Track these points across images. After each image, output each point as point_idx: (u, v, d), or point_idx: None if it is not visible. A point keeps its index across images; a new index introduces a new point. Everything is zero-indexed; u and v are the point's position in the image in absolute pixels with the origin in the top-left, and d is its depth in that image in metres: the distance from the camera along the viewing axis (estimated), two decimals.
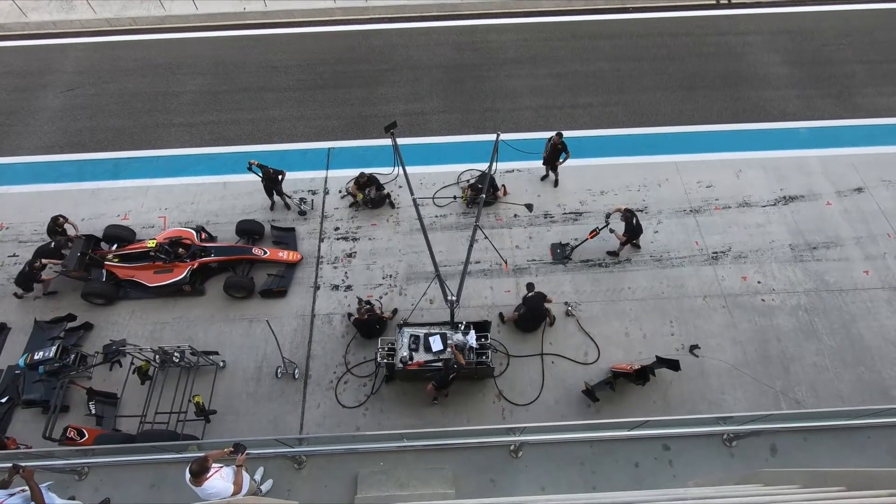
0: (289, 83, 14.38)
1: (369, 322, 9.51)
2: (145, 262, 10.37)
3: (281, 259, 10.76)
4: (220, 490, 5.70)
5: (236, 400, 9.44)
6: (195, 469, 5.57)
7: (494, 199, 11.67)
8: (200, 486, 5.62)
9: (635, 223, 10.14)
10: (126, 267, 10.44)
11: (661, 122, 13.24)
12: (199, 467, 5.57)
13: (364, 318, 9.41)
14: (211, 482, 5.65)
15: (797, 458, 6.90)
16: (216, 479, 5.71)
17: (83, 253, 10.37)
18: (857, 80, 13.96)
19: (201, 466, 5.57)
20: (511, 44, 15.15)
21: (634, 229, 10.20)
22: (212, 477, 5.67)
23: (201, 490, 5.64)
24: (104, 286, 10.36)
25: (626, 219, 10.15)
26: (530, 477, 6.79)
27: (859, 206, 11.55)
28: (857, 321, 10.04)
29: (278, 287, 10.49)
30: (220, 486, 5.72)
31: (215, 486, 5.69)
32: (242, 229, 11.11)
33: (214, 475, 5.71)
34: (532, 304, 9.45)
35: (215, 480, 5.70)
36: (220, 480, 5.76)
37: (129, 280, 10.45)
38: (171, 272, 10.27)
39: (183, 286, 10.26)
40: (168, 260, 10.32)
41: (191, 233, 10.73)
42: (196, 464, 5.58)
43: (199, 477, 5.57)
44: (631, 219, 10.11)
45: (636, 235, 10.40)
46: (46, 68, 14.93)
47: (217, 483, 5.71)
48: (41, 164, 12.88)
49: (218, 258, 10.58)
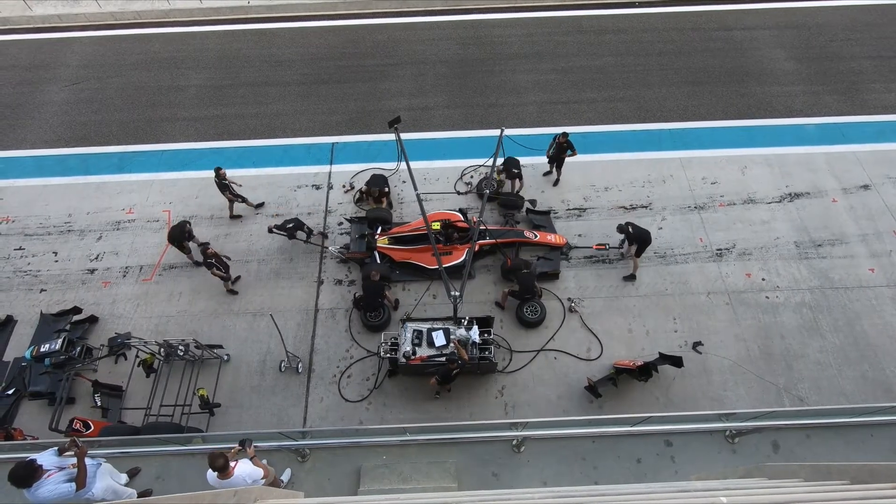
0: (293, 78, 14.37)
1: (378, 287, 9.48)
2: (421, 245, 10.33)
3: (549, 242, 10.72)
4: (251, 472, 5.73)
5: (240, 393, 9.49)
6: (220, 464, 5.52)
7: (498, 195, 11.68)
8: (230, 478, 5.59)
9: (633, 231, 9.90)
10: (403, 249, 10.44)
11: (666, 118, 13.17)
12: (224, 461, 5.53)
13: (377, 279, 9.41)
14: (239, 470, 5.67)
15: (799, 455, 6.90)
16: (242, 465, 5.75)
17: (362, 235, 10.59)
18: (865, 76, 13.84)
19: (224, 460, 5.54)
20: (515, 39, 15.08)
21: (637, 237, 9.93)
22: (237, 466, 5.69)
23: (231, 481, 5.59)
24: (383, 268, 10.30)
25: (623, 230, 9.93)
26: (532, 472, 6.82)
27: (865, 203, 11.49)
28: (862, 318, 10.00)
29: (552, 270, 10.49)
30: (249, 470, 5.75)
31: (245, 470, 5.71)
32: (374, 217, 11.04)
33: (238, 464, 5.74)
34: (523, 280, 9.60)
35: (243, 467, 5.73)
36: (247, 465, 5.79)
37: (406, 262, 10.45)
38: (451, 254, 10.26)
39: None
40: (448, 242, 10.30)
41: (458, 215, 10.66)
42: (216, 460, 5.52)
43: (227, 470, 5.56)
44: (627, 228, 9.91)
45: (644, 242, 10.05)
46: (51, 62, 14.96)
47: (245, 468, 5.74)
48: (46, 158, 12.93)
49: (494, 241, 10.55)
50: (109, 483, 6.18)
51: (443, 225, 10.36)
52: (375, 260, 10.52)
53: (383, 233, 10.75)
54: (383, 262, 10.53)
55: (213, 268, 9.70)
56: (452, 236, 10.39)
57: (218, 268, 9.77)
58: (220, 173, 10.62)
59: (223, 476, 5.59)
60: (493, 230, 10.70)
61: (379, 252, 10.54)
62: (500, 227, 11.01)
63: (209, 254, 9.62)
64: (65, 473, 5.65)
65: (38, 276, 10.96)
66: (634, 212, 11.52)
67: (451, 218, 10.60)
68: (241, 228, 11.51)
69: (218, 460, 5.53)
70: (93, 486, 5.85)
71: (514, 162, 11.14)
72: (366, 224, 11.05)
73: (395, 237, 10.60)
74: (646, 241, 10.04)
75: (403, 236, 10.57)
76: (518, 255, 10.68)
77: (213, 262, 9.67)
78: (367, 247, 10.63)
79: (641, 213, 11.50)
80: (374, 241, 10.60)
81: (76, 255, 11.22)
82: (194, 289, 10.65)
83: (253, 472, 5.75)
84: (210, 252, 9.65)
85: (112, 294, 10.67)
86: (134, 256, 11.17)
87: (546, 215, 11.40)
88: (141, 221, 11.66)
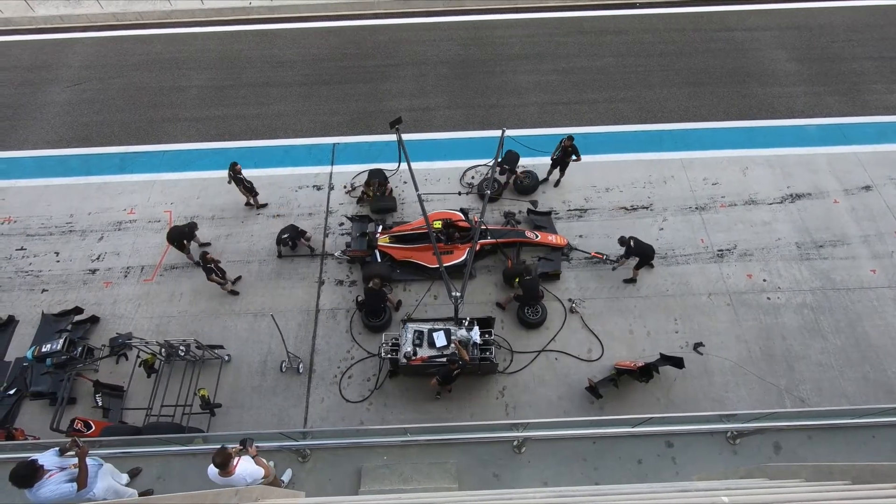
0: (294, 78, 14.39)
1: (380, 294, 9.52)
2: (422, 244, 10.31)
3: (551, 242, 10.73)
4: (252, 471, 5.73)
5: (241, 394, 9.50)
6: (221, 461, 5.53)
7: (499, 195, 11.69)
8: (231, 476, 5.59)
9: (633, 245, 9.79)
10: (404, 248, 10.44)
11: (667, 119, 13.17)
12: (224, 457, 5.54)
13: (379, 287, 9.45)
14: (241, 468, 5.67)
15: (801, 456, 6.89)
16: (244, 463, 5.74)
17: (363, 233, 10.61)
18: (867, 76, 13.83)
19: (225, 456, 5.55)
20: (516, 39, 15.09)
21: (638, 252, 9.85)
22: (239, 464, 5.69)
23: (232, 479, 5.60)
24: (384, 267, 10.30)
25: (625, 244, 9.84)
26: (533, 472, 6.81)
27: (867, 204, 11.47)
28: (863, 320, 9.98)
29: (553, 270, 10.49)
30: (251, 469, 5.75)
31: (247, 469, 5.71)
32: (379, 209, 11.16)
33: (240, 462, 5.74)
34: (529, 286, 9.56)
35: (244, 465, 5.72)
36: (249, 464, 5.79)
37: (406, 261, 10.45)
38: (452, 254, 10.26)
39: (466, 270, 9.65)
40: (449, 241, 10.30)
41: (459, 215, 10.64)
42: (219, 456, 5.54)
43: (228, 466, 5.57)
44: (628, 242, 9.82)
45: (646, 258, 9.99)
46: (53, 63, 15.00)
47: (247, 466, 5.74)
48: (48, 158, 12.96)
49: (495, 241, 10.54)
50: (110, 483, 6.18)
51: (444, 224, 10.37)
52: (376, 258, 10.53)
53: (385, 231, 10.76)
54: (384, 260, 10.53)
55: (211, 273, 9.72)
56: (453, 236, 10.40)
57: (216, 273, 9.79)
58: (235, 168, 10.71)
59: (224, 473, 5.59)
60: (493, 230, 10.71)
61: (380, 250, 10.54)
62: (502, 227, 11.02)
63: (207, 259, 9.64)
64: (66, 474, 5.66)
65: (40, 276, 10.98)
66: (635, 212, 11.52)
67: (453, 217, 10.61)
68: (242, 229, 11.52)
69: (219, 457, 5.54)
70: (94, 487, 5.86)
71: (513, 157, 11.18)
72: (366, 223, 11.05)
73: (396, 236, 10.61)
74: (647, 256, 9.93)
75: (404, 235, 10.58)
76: (519, 255, 10.67)
77: (212, 266, 9.69)
78: (367, 245, 10.64)
79: (642, 213, 11.50)
80: (376, 239, 10.62)
81: (78, 255, 11.24)
82: (195, 289, 10.65)
83: (254, 471, 5.75)
84: (209, 258, 9.67)
85: (113, 294, 10.68)
86: (135, 257, 11.18)
87: (547, 216, 11.40)
88: (142, 222, 11.67)
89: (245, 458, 5.85)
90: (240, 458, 5.75)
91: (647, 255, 9.94)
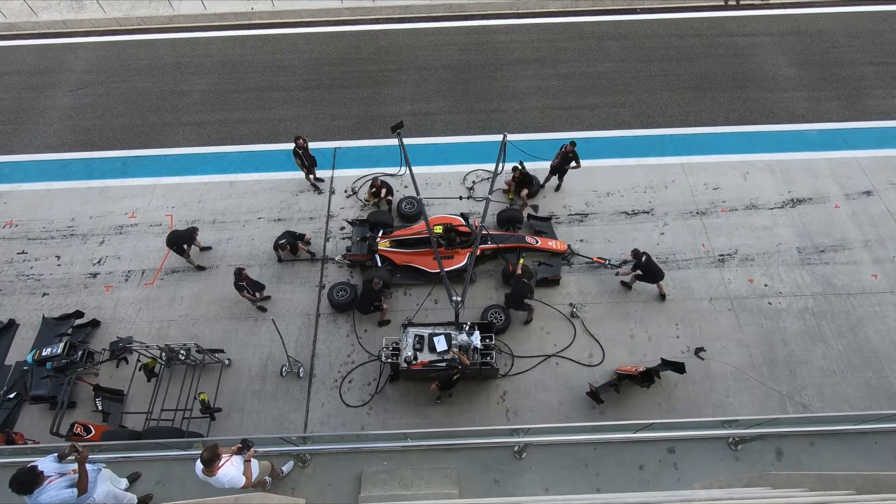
0: (296, 83, 14.44)
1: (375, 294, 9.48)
2: (423, 248, 10.33)
3: (550, 248, 10.76)
4: (233, 478, 5.66)
5: (241, 398, 9.48)
6: (207, 457, 5.52)
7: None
8: (214, 476, 5.58)
9: (645, 260, 9.53)
10: (404, 253, 10.44)
11: (667, 124, 13.19)
12: (211, 455, 5.52)
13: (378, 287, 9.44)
14: (224, 470, 5.62)
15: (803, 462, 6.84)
16: (228, 466, 5.69)
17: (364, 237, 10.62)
18: (867, 82, 13.85)
19: (213, 454, 5.53)
20: (518, 44, 15.14)
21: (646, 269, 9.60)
22: (224, 465, 5.66)
23: (214, 479, 5.60)
24: (384, 272, 10.28)
25: (637, 257, 9.60)
26: (534, 478, 6.78)
27: (868, 209, 11.47)
28: (865, 325, 9.96)
29: (553, 276, 10.48)
30: (233, 474, 5.67)
31: (228, 473, 5.64)
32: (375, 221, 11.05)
33: (226, 463, 5.70)
34: (517, 288, 9.38)
35: (228, 468, 5.67)
36: (233, 468, 5.74)
37: (407, 266, 10.44)
38: (452, 258, 10.26)
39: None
40: (450, 246, 10.30)
41: (460, 220, 10.66)
42: (207, 452, 5.54)
43: (212, 465, 5.54)
44: (640, 258, 9.56)
45: (652, 276, 9.75)
46: (56, 67, 15.07)
47: (230, 470, 5.67)
48: (50, 162, 13.00)
49: (495, 246, 10.53)
50: (110, 488, 6.16)
51: (445, 229, 10.37)
52: (376, 263, 10.53)
53: (385, 236, 10.76)
54: (384, 264, 10.54)
55: (243, 290, 9.68)
56: (454, 240, 10.39)
57: (249, 291, 9.75)
58: (298, 143, 10.82)
59: (207, 471, 5.59)
60: (494, 235, 10.71)
61: (380, 255, 10.55)
62: (502, 232, 11.01)
63: (243, 276, 9.60)
64: (66, 479, 5.65)
65: (41, 279, 10.99)
66: (636, 217, 11.52)
67: (453, 222, 10.62)
68: (243, 233, 11.53)
69: (207, 452, 5.54)
70: (94, 492, 5.84)
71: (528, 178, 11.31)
72: (367, 227, 11.07)
73: (396, 240, 10.62)
74: (654, 276, 9.71)
75: (405, 239, 10.59)
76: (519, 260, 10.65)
77: (245, 284, 9.63)
78: (368, 249, 10.64)
79: (643, 218, 11.49)
80: (376, 243, 10.62)
81: (79, 259, 11.26)
82: (196, 293, 10.66)
83: (235, 477, 5.66)
84: (244, 274, 9.64)
85: (114, 298, 10.69)
86: (136, 260, 11.19)
87: (547, 221, 11.40)
88: (143, 226, 11.69)
89: (235, 461, 5.83)
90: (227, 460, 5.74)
91: (654, 276, 9.72)
